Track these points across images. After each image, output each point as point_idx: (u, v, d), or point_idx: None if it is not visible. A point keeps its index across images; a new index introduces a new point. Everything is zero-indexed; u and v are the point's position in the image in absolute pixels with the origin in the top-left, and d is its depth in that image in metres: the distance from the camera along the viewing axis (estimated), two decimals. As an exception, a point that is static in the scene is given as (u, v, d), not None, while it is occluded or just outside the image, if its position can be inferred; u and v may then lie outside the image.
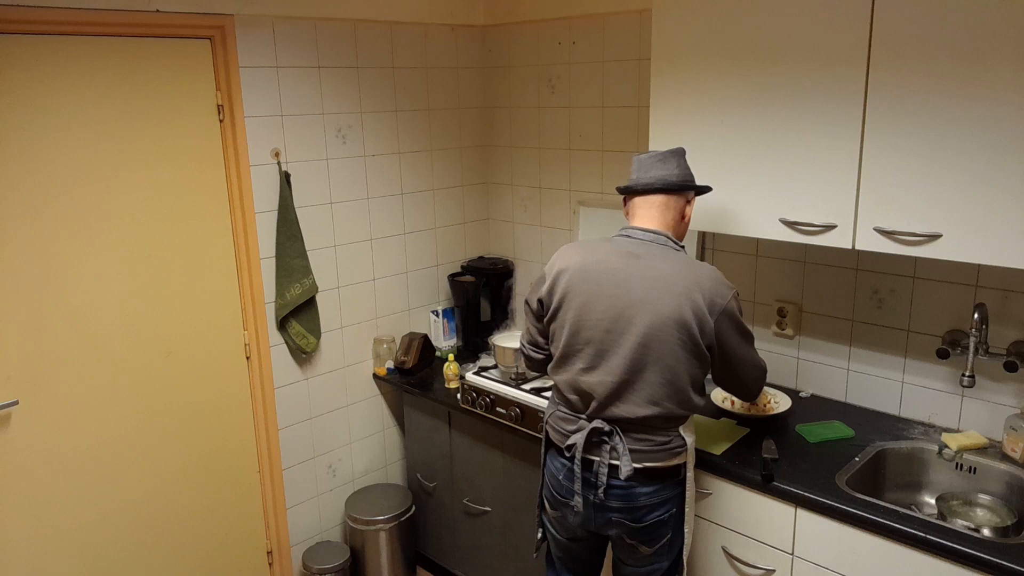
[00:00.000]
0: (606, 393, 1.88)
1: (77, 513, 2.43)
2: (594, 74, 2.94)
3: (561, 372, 1.98)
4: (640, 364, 1.84)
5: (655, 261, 1.87)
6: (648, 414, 1.86)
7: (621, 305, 1.85)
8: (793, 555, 2.02)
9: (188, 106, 2.49)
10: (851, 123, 1.93)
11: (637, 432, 1.89)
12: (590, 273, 1.91)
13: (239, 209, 2.65)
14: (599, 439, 1.91)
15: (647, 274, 1.85)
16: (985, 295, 2.15)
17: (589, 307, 1.89)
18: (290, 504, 2.98)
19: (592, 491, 1.93)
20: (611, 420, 1.90)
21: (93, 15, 2.22)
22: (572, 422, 1.97)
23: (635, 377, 1.85)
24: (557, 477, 2.01)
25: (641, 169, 1.98)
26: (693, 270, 1.87)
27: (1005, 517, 1.98)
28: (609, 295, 1.87)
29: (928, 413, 2.31)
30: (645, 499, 1.91)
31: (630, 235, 1.96)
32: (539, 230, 3.31)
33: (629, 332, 1.84)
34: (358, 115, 2.94)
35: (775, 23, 2.03)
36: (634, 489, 1.90)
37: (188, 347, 2.61)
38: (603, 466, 1.90)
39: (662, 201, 1.97)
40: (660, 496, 1.92)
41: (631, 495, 1.91)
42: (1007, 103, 1.69)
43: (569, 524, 2.05)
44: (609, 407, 1.89)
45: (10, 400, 2.24)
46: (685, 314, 1.81)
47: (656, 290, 1.83)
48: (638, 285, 1.85)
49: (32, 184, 2.21)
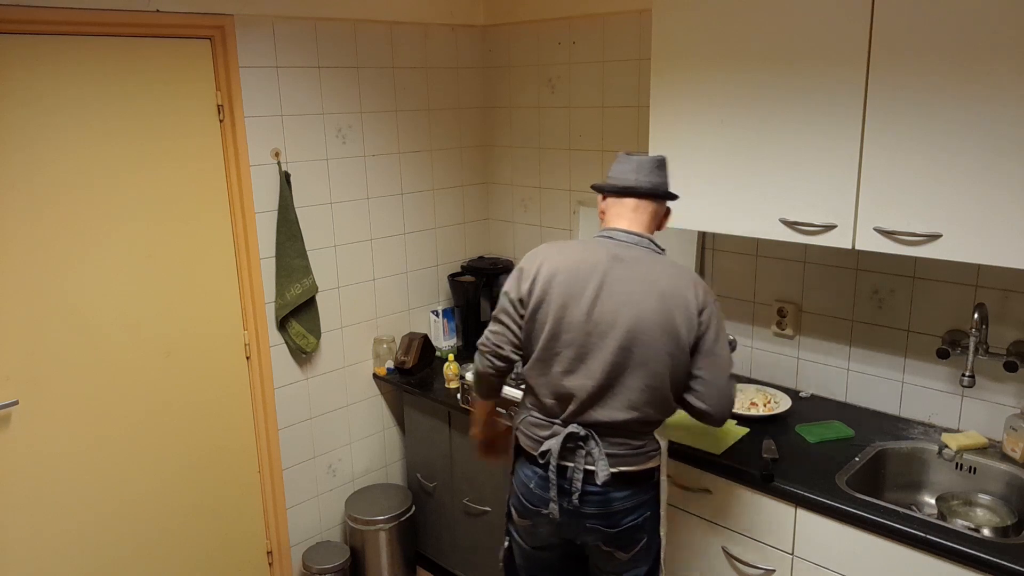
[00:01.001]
0: (586, 396, 1.83)
1: (77, 513, 2.43)
2: (594, 74, 2.94)
3: (539, 374, 1.91)
4: (622, 368, 1.81)
5: (639, 264, 1.84)
6: (627, 418, 1.83)
7: (604, 307, 1.82)
8: (793, 555, 2.02)
9: (188, 106, 2.49)
10: (851, 123, 1.94)
11: (614, 436, 1.85)
12: (572, 273, 1.86)
13: (239, 209, 2.65)
14: (574, 444, 1.87)
15: (631, 277, 1.82)
16: (985, 295, 2.15)
17: (570, 308, 1.84)
18: (290, 504, 2.98)
19: (567, 498, 1.88)
20: (588, 424, 1.86)
21: (93, 15, 2.22)
22: (546, 427, 1.92)
23: (616, 381, 1.82)
24: (528, 485, 1.95)
25: (640, 171, 1.92)
26: (678, 274, 1.85)
27: (1005, 517, 1.98)
28: (591, 297, 1.83)
29: (928, 413, 2.31)
30: (620, 503, 1.87)
31: (613, 237, 1.91)
32: (539, 230, 3.31)
33: (611, 335, 1.81)
34: (358, 115, 2.94)
35: (775, 23, 2.03)
36: (609, 494, 1.86)
37: (188, 347, 2.61)
38: (578, 471, 1.85)
39: (653, 208, 1.94)
40: (635, 500, 1.88)
41: (606, 500, 1.87)
42: (1007, 103, 1.69)
43: (539, 533, 1.99)
44: (588, 411, 1.85)
45: (10, 400, 2.24)
46: (671, 318, 1.79)
47: (640, 293, 1.80)
48: (621, 288, 1.82)
49: (32, 184, 2.21)
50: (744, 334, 2.71)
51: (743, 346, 2.71)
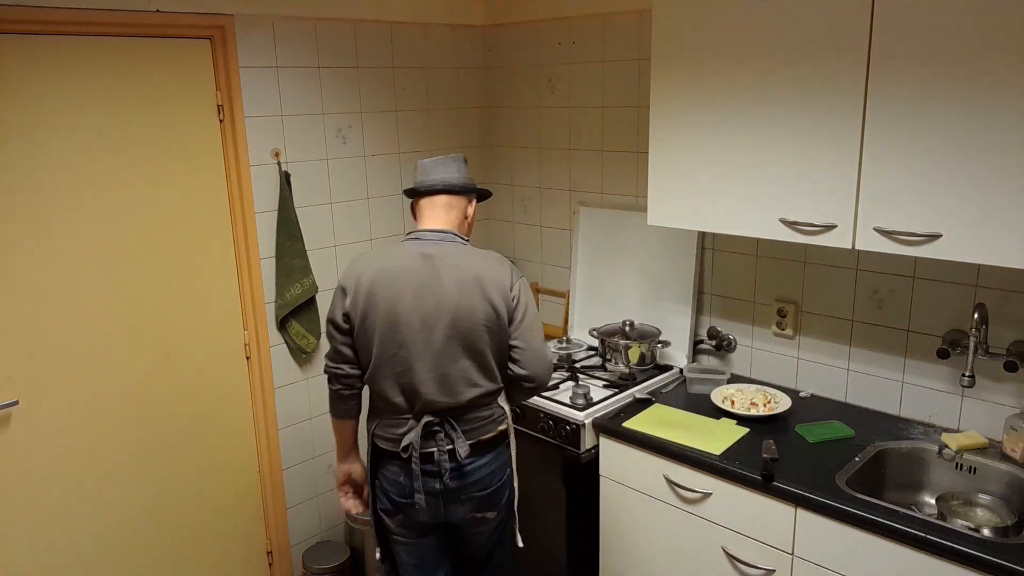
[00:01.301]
0: (431, 388, 1.98)
1: (77, 513, 2.43)
2: (594, 74, 2.94)
3: (383, 377, 2.02)
4: (454, 354, 1.97)
5: (448, 258, 2.00)
6: (470, 397, 2.00)
7: (426, 303, 1.96)
8: (793, 555, 2.02)
9: (188, 106, 2.49)
10: (851, 123, 1.93)
11: (464, 414, 2.02)
12: (391, 277, 1.98)
13: (239, 209, 2.65)
14: (431, 431, 2.01)
15: (442, 271, 1.98)
16: (985, 295, 2.15)
17: (397, 310, 1.97)
18: (290, 504, 2.98)
19: (438, 480, 2.02)
20: (438, 411, 2.00)
21: (93, 15, 2.22)
22: (400, 425, 2.04)
23: (452, 367, 1.98)
24: (397, 480, 2.06)
25: (424, 173, 2.10)
26: (486, 258, 2.04)
27: (1005, 517, 1.98)
28: (412, 297, 1.96)
29: (928, 413, 2.31)
30: (485, 469, 2.06)
31: (420, 237, 2.06)
32: (539, 230, 3.31)
33: (438, 327, 1.96)
34: (358, 115, 2.94)
35: (775, 23, 2.03)
36: (474, 463, 2.04)
37: (188, 347, 2.61)
38: (442, 453, 2.00)
39: (445, 201, 2.09)
40: (497, 463, 2.09)
41: (474, 470, 2.04)
42: (1007, 103, 1.69)
43: (418, 522, 2.10)
44: (435, 400, 1.99)
45: (10, 400, 2.24)
46: (488, 297, 1.97)
47: (456, 281, 1.97)
48: (436, 283, 1.97)
49: (32, 184, 2.21)
50: (744, 334, 2.71)
51: (743, 346, 2.71)
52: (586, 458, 2.42)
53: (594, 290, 3.06)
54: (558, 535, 2.58)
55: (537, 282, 3.37)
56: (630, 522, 2.40)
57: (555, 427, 2.46)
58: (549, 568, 2.64)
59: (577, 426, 2.40)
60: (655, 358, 2.72)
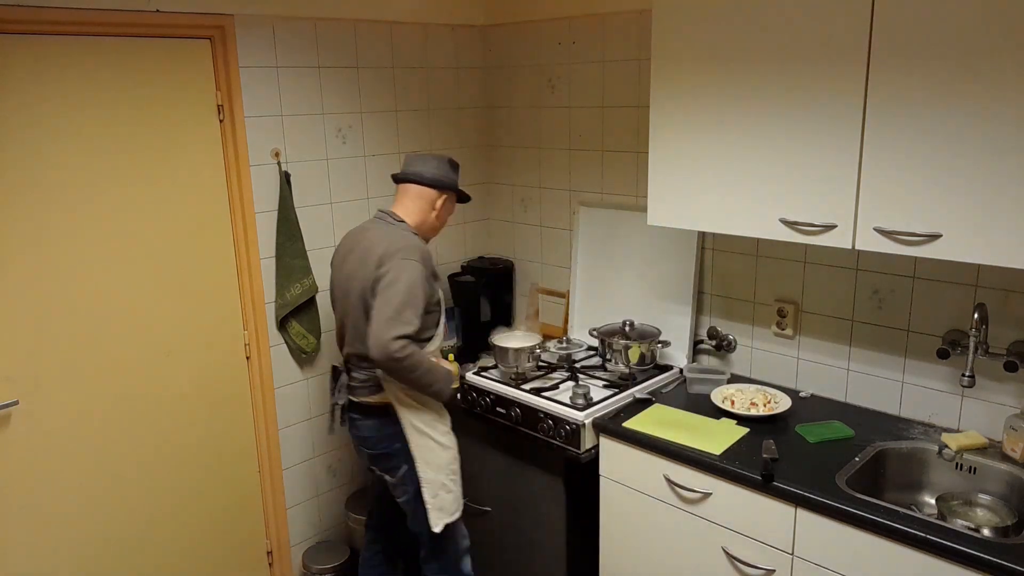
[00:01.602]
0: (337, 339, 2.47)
1: (77, 512, 2.43)
2: (594, 74, 2.94)
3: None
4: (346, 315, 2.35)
5: (370, 233, 2.32)
6: (348, 352, 2.39)
7: (341, 272, 2.36)
8: (793, 555, 2.02)
9: (188, 106, 2.49)
10: (851, 123, 1.93)
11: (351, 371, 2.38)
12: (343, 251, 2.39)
13: (239, 209, 2.65)
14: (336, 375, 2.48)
15: (361, 243, 2.31)
16: (985, 295, 2.15)
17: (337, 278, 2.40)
18: (290, 504, 2.98)
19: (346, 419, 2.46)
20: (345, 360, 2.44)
21: (93, 15, 2.22)
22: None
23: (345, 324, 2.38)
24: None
25: (406, 164, 2.39)
26: (388, 235, 2.28)
27: (1005, 517, 1.98)
28: (340, 265, 2.38)
29: (928, 413, 2.31)
30: (367, 431, 2.39)
31: (377, 216, 2.41)
32: (539, 230, 3.31)
33: (345, 292, 2.34)
34: (358, 115, 2.94)
35: (775, 23, 2.03)
36: (356, 422, 2.42)
37: (188, 347, 2.61)
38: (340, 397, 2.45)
39: (415, 191, 2.37)
40: (379, 432, 2.36)
41: (358, 426, 2.41)
42: (1007, 103, 1.69)
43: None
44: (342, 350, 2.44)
45: (10, 400, 2.24)
46: (367, 267, 2.23)
47: (359, 252, 2.29)
48: (353, 255, 2.32)
49: (32, 184, 2.21)
50: (744, 334, 2.71)
51: (743, 346, 2.71)
52: (586, 458, 2.42)
53: (594, 290, 3.06)
54: (558, 535, 2.58)
55: (537, 282, 3.37)
56: (630, 522, 2.40)
57: (555, 427, 2.46)
58: (549, 568, 2.64)
59: (577, 426, 2.40)
60: (655, 358, 2.72)
